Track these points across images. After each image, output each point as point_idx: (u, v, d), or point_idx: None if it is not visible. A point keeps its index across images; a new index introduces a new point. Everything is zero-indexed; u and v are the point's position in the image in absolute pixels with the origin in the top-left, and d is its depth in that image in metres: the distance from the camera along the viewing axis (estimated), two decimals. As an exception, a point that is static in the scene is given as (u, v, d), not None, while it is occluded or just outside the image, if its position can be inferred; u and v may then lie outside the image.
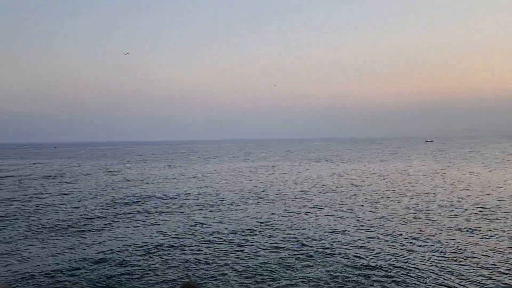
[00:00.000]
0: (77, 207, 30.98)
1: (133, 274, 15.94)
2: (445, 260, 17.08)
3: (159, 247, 19.68)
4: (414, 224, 23.84)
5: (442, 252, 18.20)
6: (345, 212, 27.97)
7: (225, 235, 21.88)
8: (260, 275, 15.77)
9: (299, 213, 27.66)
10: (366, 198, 33.59)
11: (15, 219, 27.11)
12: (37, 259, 18.19)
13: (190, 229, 23.30)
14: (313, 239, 20.70)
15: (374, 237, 20.96)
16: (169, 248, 19.40)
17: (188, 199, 34.51)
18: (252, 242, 20.36)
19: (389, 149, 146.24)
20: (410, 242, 19.92)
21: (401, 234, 21.52)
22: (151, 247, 19.68)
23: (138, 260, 17.61)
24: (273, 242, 20.36)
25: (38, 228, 24.12)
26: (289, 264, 16.90)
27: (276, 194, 36.56)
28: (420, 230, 22.32)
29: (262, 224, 24.26)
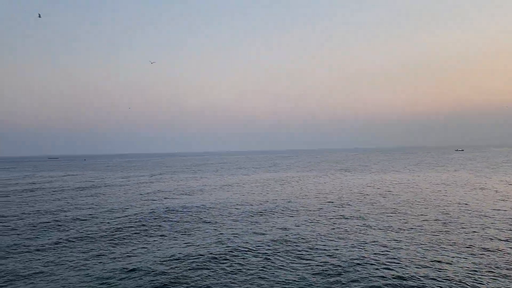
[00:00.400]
0: (107, 218, 31.63)
1: (161, 284, 16.12)
2: (478, 271, 16.54)
3: (187, 257, 19.84)
4: (445, 235, 23.19)
5: (475, 264, 17.63)
6: (373, 223, 27.48)
7: (251, 245, 21.86)
8: (287, 286, 15.66)
9: (326, 224, 27.38)
10: (395, 209, 32.93)
11: (47, 229, 27.90)
12: (67, 268, 18.65)
13: (217, 240, 23.40)
14: (341, 250, 20.43)
15: (403, 248, 20.51)
16: (197, 258, 19.52)
17: (215, 210, 34.66)
18: (279, 253, 20.25)
19: (419, 159, 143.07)
20: (441, 253, 19.39)
21: (431, 245, 20.97)
22: (179, 257, 19.86)
23: (167, 270, 17.79)
24: (299, 253, 20.20)
25: (68, 238, 24.73)
26: (316, 275, 16.73)
27: (303, 205, 36.31)
28: (452, 241, 21.70)
29: (288, 235, 24.12)
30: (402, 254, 19.45)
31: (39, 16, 67.44)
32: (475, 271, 16.70)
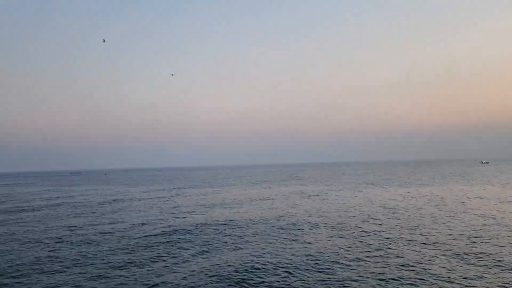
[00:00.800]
0: (128, 233, 31.88)
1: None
2: (509, 282, 15.99)
3: (208, 270, 19.77)
4: (472, 249, 22.51)
5: (504, 279, 17.05)
6: (396, 237, 26.92)
7: (272, 260, 21.65)
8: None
9: (347, 238, 26.96)
10: (419, 223, 32.22)
11: (70, 243, 28.25)
12: (90, 281, 18.81)
13: (238, 254, 23.27)
14: (363, 265, 20.06)
15: (428, 263, 20.00)
16: (217, 273, 19.42)
17: (235, 224, 34.37)
18: (300, 267, 20.01)
19: (443, 172, 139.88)
20: (468, 269, 18.82)
21: (458, 260, 20.38)
22: (199, 271, 19.81)
23: (188, 284, 17.75)
24: (320, 267, 19.91)
25: (92, 252, 24.99)
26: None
27: (324, 219, 35.87)
28: (479, 256, 21.05)
29: (309, 250, 23.85)
30: (427, 269, 18.96)
31: (103, 41, 72.26)
32: (506, 282, 16.14)
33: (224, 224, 34.15)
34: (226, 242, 26.85)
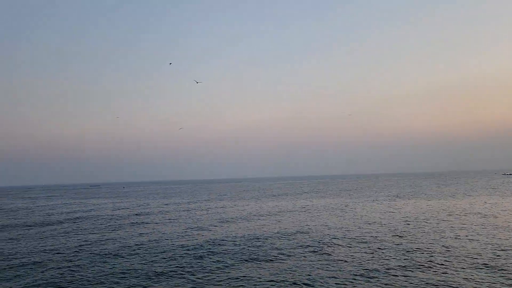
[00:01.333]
0: (146, 247, 32.06)
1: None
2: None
3: (225, 286, 19.67)
4: (496, 261, 21.89)
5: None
6: (415, 248, 26.39)
7: (292, 274, 21.45)
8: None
9: (368, 251, 26.56)
10: (441, 236, 31.57)
11: (90, 255, 28.56)
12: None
13: (257, 273, 23.02)
14: (384, 277, 19.72)
15: (450, 276, 19.52)
16: None
17: (255, 240, 33.31)
18: (319, 282, 19.79)
19: (468, 184, 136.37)
20: (494, 282, 18.31)
21: (482, 271, 19.85)
22: None
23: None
24: (341, 281, 19.67)
25: (112, 266, 25.22)
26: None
27: (345, 234, 35.48)
28: (505, 266, 20.44)
29: (330, 264, 23.56)
30: (450, 282, 18.51)
31: (170, 64, 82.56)
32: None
33: (243, 237, 34.02)
34: (245, 254, 26.73)
